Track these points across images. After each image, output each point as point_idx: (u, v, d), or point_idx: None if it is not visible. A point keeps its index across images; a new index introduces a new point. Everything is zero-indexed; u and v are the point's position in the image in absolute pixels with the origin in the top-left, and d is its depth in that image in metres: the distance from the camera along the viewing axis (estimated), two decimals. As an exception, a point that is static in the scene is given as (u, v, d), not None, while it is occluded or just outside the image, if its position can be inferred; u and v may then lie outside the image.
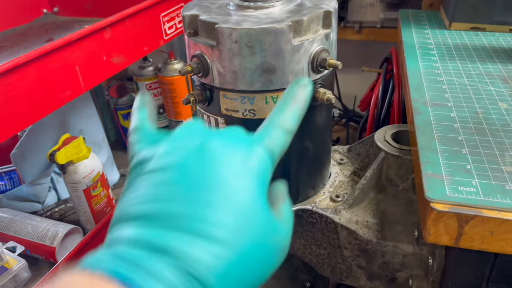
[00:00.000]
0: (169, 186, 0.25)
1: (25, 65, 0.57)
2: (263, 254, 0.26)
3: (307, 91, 0.31)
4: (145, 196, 0.25)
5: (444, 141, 0.46)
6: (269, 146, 0.28)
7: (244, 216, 0.25)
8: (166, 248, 0.22)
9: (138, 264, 0.22)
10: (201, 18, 0.46)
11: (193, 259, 0.22)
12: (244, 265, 0.24)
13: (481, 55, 0.66)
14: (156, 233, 0.23)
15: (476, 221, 0.37)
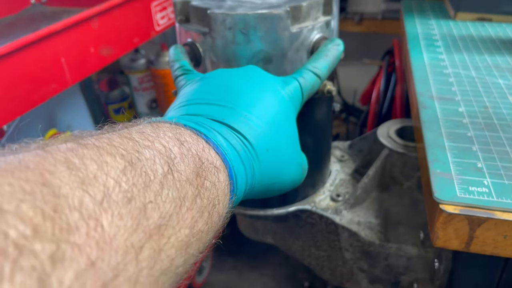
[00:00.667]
0: (225, 85, 0.32)
1: (7, 56, 0.54)
2: (290, 152, 0.33)
3: (340, 49, 0.39)
4: (205, 88, 0.32)
5: (453, 137, 0.42)
6: (301, 82, 0.35)
7: (281, 126, 0.32)
8: (221, 119, 0.29)
9: (211, 128, 0.28)
10: (193, 3, 0.43)
11: (242, 129, 0.29)
12: (277, 148, 0.31)
13: (488, 47, 0.63)
14: (218, 111, 0.30)
15: (488, 224, 0.34)
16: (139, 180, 0.20)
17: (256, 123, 0.30)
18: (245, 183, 0.29)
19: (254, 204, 0.52)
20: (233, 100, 0.31)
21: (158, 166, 0.21)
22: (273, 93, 0.33)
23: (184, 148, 0.24)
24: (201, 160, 0.25)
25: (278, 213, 0.51)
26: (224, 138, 0.28)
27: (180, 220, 0.21)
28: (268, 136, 0.31)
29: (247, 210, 0.52)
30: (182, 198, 0.22)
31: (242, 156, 0.29)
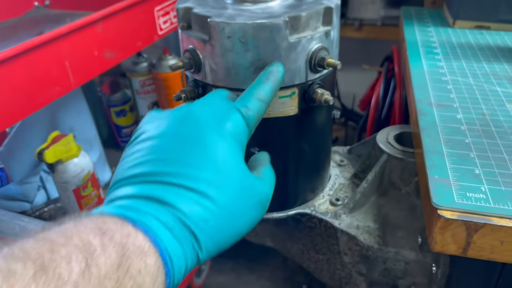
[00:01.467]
0: (158, 149, 0.29)
1: (12, 59, 0.54)
2: (242, 204, 0.30)
3: (280, 70, 0.37)
4: (137, 160, 0.29)
5: (451, 144, 0.43)
6: (245, 112, 0.32)
7: (222, 170, 0.29)
8: (162, 199, 0.27)
9: (140, 210, 0.26)
10: (195, 11, 0.44)
11: (183, 207, 0.27)
12: (224, 214, 0.28)
13: (487, 55, 0.64)
14: (152, 188, 0.27)
15: (485, 229, 0.35)
16: (51, 284, 0.19)
17: (191, 188, 0.28)
18: (184, 259, 0.27)
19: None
20: (165, 170, 0.28)
21: (74, 263, 0.20)
22: (210, 141, 0.30)
23: (106, 237, 0.23)
24: (125, 247, 0.23)
25: (278, 216, 0.52)
26: (155, 217, 0.26)
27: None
28: (208, 199, 0.28)
29: (248, 214, 0.53)
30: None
31: (176, 233, 0.26)
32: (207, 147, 0.29)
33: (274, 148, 0.48)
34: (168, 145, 0.29)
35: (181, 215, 0.27)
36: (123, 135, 1.05)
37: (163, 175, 0.28)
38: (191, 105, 0.33)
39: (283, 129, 0.46)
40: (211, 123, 0.31)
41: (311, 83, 0.44)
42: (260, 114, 0.34)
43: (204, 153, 0.29)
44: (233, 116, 0.32)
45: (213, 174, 0.29)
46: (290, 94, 0.44)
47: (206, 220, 0.27)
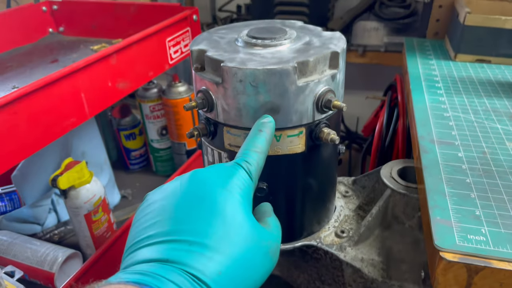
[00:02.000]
0: (169, 209, 0.31)
1: (32, 93, 0.57)
2: (252, 255, 0.31)
3: (272, 121, 0.41)
4: (149, 221, 0.31)
5: (452, 183, 0.45)
6: (246, 166, 0.35)
7: (231, 224, 0.30)
8: (176, 260, 0.28)
9: (156, 274, 0.27)
10: (208, 54, 0.46)
11: (197, 264, 0.28)
12: (236, 265, 0.30)
13: (487, 89, 0.66)
14: (166, 250, 0.29)
15: (485, 272, 0.36)
16: None
17: (202, 247, 0.29)
18: None
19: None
20: (176, 229, 0.30)
21: None
22: (217, 198, 0.31)
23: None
24: None
25: (285, 248, 0.53)
26: (171, 281, 0.27)
27: None
28: (220, 255, 0.29)
29: (256, 245, 0.54)
30: None
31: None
32: (216, 203, 0.31)
33: (282, 183, 0.50)
34: (178, 205, 0.31)
35: (195, 272, 0.28)
36: (132, 158, 1.07)
37: (176, 234, 0.29)
38: (195, 170, 0.35)
39: (290, 166, 0.48)
40: (217, 181, 0.33)
41: (318, 122, 0.46)
42: (260, 165, 0.37)
43: (213, 209, 0.31)
44: (237, 172, 0.34)
45: (223, 229, 0.30)
46: (297, 133, 0.46)
47: (220, 274, 0.28)
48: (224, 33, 0.53)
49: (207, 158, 0.52)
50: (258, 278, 0.32)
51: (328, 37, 0.49)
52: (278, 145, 0.46)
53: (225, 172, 0.34)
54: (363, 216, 0.58)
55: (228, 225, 0.30)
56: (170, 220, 0.30)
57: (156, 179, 1.07)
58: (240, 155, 0.36)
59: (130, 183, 1.05)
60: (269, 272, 0.33)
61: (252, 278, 0.31)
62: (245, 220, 0.32)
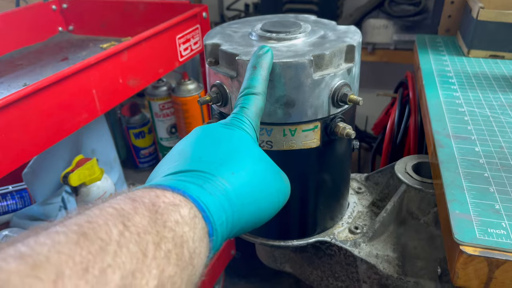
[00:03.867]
0: (183, 150, 0.34)
1: (44, 89, 0.57)
2: (264, 170, 0.34)
3: (267, 53, 0.39)
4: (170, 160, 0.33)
5: (470, 177, 0.44)
6: (246, 114, 0.36)
7: (239, 145, 0.34)
8: (189, 169, 0.30)
9: (167, 179, 0.29)
10: (223, 48, 0.46)
11: (208, 169, 0.30)
12: (252, 185, 0.32)
13: (502, 85, 0.65)
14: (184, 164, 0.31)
15: (507, 265, 0.36)
16: (95, 246, 0.20)
17: (211, 160, 0.32)
18: (221, 208, 0.29)
19: (274, 235, 0.54)
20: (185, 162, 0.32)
21: (112, 227, 0.22)
22: (220, 133, 0.35)
23: (136, 202, 0.24)
24: (156, 205, 0.25)
25: (298, 244, 0.53)
26: (180, 180, 0.29)
27: (146, 272, 0.21)
28: (229, 162, 0.32)
29: (268, 241, 0.54)
30: (144, 249, 0.22)
31: (204, 186, 0.29)
32: (216, 136, 0.34)
33: (296, 178, 0.49)
34: (193, 143, 0.34)
35: (207, 174, 0.30)
36: (141, 156, 1.07)
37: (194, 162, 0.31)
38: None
39: (305, 161, 0.48)
40: (219, 125, 0.36)
41: (333, 117, 0.46)
42: (259, 106, 0.37)
43: (222, 139, 0.34)
44: (234, 115, 0.37)
45: (226, 149, 0.33)
46: (313, 127, 0.46)
47: (233, 174, 0.31)
48: (237, 27, 0.52)
49: (220, 153, 0.52)
50: (274, 194, 0.34)
51: (343, 30, 0.49)
52: (292, 139, 0.46)
53: (226, 120, 0.37)
54: (377, 213, 0.58)
55: (236, 145, 0.34)
56: (180, 155, 0.33)
57: (165, 177, 1.07)
58: (237, 102, 0.38)
59: (139, 181, 1.05)
60: (280, 192, 0.35)
61: (267, 192, 0.33)
62: (252, 144, 0.35)
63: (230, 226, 0.30)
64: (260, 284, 1.31)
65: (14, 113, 0.54)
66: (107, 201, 0.25)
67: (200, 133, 0.35)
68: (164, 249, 0.23)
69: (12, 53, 0.95)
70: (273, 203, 0.34)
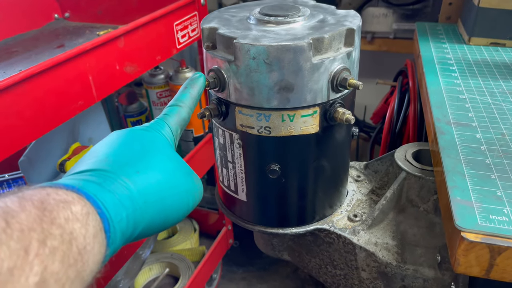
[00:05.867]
0: (94, 152, 0.34)
1: (39, 74, 0.56)
2: (174, 169, 0.35)
3: (199, 78, 0.43)
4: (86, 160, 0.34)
5: (471, 164, 0.44)
6: (164, 117, 0.39)
7: (151, 144, 0.35)
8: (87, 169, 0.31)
9: (64, 178, 0.30)
10: (220, 31, 0.45)
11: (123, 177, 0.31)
12: (158, 184, 0.33)
13: (503, 72, 0.64)
14: (91, 164, 0.32)
15: (509, 252, 0.35)
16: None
17: (106, 156, 0.33)
18: (122, 207, 0.29)
19: (273, 223, 0.53)
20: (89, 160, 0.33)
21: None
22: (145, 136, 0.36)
23: (24, 200, 0.24)
24: (45, 203, 0.25)
25: (297, 232, 0.53)
26: (73, 179, 0.29)
27: (27, 269, 0.21)
28: (118, 156, 0.33)
29: (267, 228, 0.53)
30: (26, 247, 0.22)
31: (104, 184, 0.29)
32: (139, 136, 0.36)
33: (295, 165, 0.49)
34: (106, 145, 0.35)
35: (109, 173, 0.31)
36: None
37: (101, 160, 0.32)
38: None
39: (304, 147, 0.47)
40: (138, 127, 0.38)
41: (333, 102, 0.45)
42: (182, 115, 0.41)
43: (134, 139, 0.35)
44: (154, 121, 0.39)
45: (141, 147, 0.34)
46: (312, 113, 0.45)
47: (138, 173, 0.32)
48: (235, 11, 0.51)
49: (218, 140, 0.51)
50: (183, 194, 0.35)
51: (342, 15, 0.48)
52: (291, 125, 0.45)
53: (144, 124, 0.38)
54: (376, 201, 0.57)
55: (147, 145, 0.35)
56: (97, 154, 0.33)
57: (163, 166, 1.06)
58: (165, 110, 0.40)
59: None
60: (193, 196, 0.37)
61: (175, 191, 0.34)
62: (165, 145, 0.36)
63: (132, 224, 0.30)
64: (258, 273, 1.32)
65: (8, 98, 0.53)
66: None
67: (114, 135, 0.36)
68: (49, 245, 0.23)
69: (7, 40, 0.94)
70: (182, 203, 0.35)
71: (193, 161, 0.92)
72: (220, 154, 0.52)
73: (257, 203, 0.52)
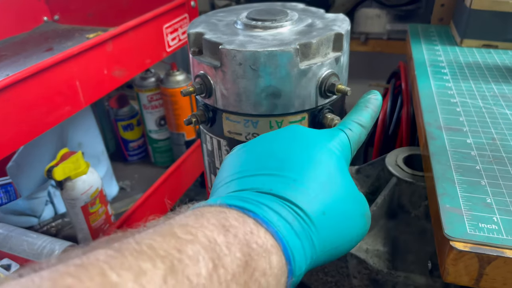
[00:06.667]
0: (268, 150, 0.30)
1: (24, 80, 0.55)
2: (352, 209, 0.30)
3: (378, 98, 0.38)
4: (245, 158, 0.31)
5: (461, 170, 0.43)
6: (349, 133, 0.33)
7: (333, 175, 0.29)
8: (277, 193, 0.27)
9: (259, 202, 0.26)
10: (206, 37, 0.44)
11: (299, 201, 0.27)
12: (338, 212, 0.28)
13: (495, 75, 0.64)
14: (265, 182, 0.28)
15: (498, 262, 0.35)
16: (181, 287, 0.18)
17: (307, 186, 0.28)
18: (304, 257, 0.26)
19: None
20: (279, 166, 0.29)
21: (202, 265, 0.20)
22: (321, 149, 0.31)
23: (230, 235, 0.22)
24: (250, 247, 0.22)
25: (287, 238, 0.52)
26: (274, 211, 0.26)
27: None
28: (323, 197, 0.28)
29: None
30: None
31: (295, 228, 0.26)
32: (317, 152, 0.30)
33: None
34: (280, 146, 0.30)
35: (297, 209, 0.26)
36: (130, 149, 1.05)
37: (279, 170, 0.28)
38: (293, 125, 0.35)
39: (293, 153, 0.47)
40: (318, 136, 0.32)
41: (321, 108, 0.44)
42: (362, 138, 0.35)
43: (314, 156, 0.30)
44: (338, 135, 0.33)
45: (325, 176, 0.29)
46: (300, 119, 0.44)
47: (324, 214, 0.27)
48: (222, 16, 0.50)
49: (206, 147, 0.51)
50: (354, 237, 0.31)
51: (331, 19, 0.47)
52: None
53: (327, 132, 0.33)
54: (367, 206, 0.57)
55: (330, 175, 0.29)
56: (272, 158, 0.29)
57: (155, 170, 1.05)
58: (343, 123, 0.35)
59: (128, 174, 1.03)
60: (363, 235, 0.32)
61: (349, 233, 0.30)
62: (346, 177, 0.31)
63: (307, 268, 0.27)
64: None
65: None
66: (199, 219, 0.22)
67: (290, 135, 0.32)
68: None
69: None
70: (358, 227, 0.31)
71: (185, 165, 0.91)
72: (209, 161, 0.51)
73: (246, 210, 0.51)
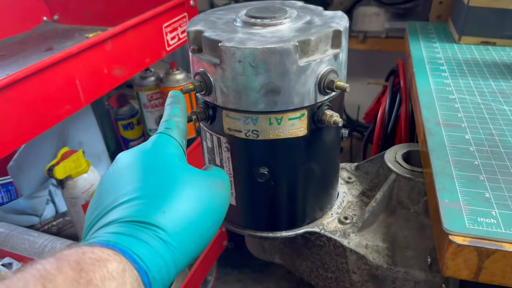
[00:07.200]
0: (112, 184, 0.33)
1: (24, 79, 0.55)
2: (195, 189, 0.33)
3: (179, 94, 0.43)
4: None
5: (460, 166, 0.44)
6: (166, 131, 0.37)
7: (164, 169, 0.33)
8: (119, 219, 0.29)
9: (100, 232, 0.29)
10: (205, 35, 0.44)
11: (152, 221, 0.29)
12: (181, 202, 0.31)
13: (493, 72, 0.64)
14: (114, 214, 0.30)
15: (497, 255, 0.35)
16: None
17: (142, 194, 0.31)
18: (159, 256, 0.28)
19: (263, 226, 0.53)
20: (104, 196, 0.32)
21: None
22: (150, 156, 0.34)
23: (61, 261, 0.24)
24: (81, 263, 0.25)
25: (287, 235, 0.52)
26: (111, 232, 0.28)
27: None
28: (161, 199, 0.31)
29: (257, 232, 0.53)
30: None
31: (139, 235, 0.28)
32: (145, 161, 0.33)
33: (284, 168, 0.48)
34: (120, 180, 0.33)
35: (137, 222, 0.29)
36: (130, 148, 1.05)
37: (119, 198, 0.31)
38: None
39: (292, 150, 0.47)
40: (141, 148, 0.35)
41: (320, 104, 0.45)
42: (181, 127, 0.39)
43: (143, 166, 0.33)
44: (157, 136, 0.37)
45: (157, 177, 0.32)
46: (299, 116, 0.45)
47: (164, 213, 0.30)
48: (221, 14, 0.51)
49: (206, 144, 0.51)
50: (214, 211, 0.33)
51: (329, 16, 0.47)
52: (279, 128, 0.45)
53: (148, 141, 0.36)
54: (367, 202, 0.57)
55: (160, 172, 0.32)
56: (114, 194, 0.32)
57: (155, 169, 1.05)
58: (159, 127, 0.39)
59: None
60: (223, 204, 0.35)
61: (206, 213, 0.32)
62: (178, 164, 0.34)
63: (173, 265, 0.29)
64: (253, 274, 1.31)
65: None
66: (35, 262, 0.25)
67: (124, 162, 0.34)
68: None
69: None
70: (215, 220, 0.34)
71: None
72: (209, 158, 0.52)
73: (246, 207, 0.52)
